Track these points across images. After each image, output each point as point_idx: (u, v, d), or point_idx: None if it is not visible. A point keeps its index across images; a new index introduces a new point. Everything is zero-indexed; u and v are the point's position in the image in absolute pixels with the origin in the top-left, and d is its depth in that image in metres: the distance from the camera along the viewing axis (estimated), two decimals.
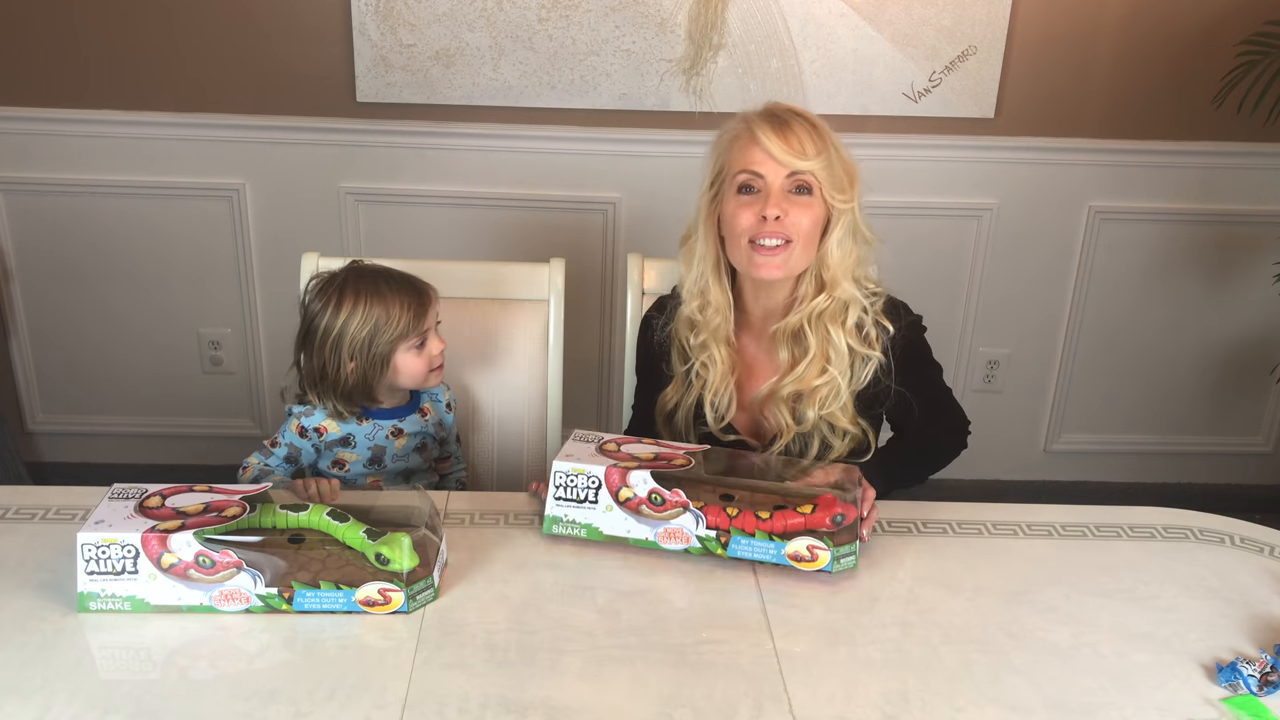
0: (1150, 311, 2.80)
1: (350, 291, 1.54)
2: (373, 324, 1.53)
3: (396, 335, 1.54)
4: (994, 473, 2.83)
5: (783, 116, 1.49)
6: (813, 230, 1.49)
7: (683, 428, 1.62)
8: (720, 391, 1.58)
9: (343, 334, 1.53)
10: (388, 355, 1.55)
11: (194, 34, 2.46)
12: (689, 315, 1.59)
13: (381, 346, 1.54)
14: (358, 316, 1.53)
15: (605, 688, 1.14)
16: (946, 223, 2.69)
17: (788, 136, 1.46)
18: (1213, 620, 1.30)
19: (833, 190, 1.47)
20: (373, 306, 1.53)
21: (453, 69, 2.49)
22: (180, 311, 2.70)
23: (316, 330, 1.55)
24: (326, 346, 1.54)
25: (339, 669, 1.16)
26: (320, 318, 1.54)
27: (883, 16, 2.47)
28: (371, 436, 1.61)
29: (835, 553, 1.33)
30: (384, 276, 1.57)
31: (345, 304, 1.53)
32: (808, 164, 1.46)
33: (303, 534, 1.30)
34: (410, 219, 2.63)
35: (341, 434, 1.60)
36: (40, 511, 1.44)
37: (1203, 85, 2.51)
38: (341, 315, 1.53)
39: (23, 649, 1.18)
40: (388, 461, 1.63)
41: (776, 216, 1.46)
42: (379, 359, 1.55)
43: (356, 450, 1.61)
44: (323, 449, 1.61)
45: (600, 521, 1.39)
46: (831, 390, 1.52)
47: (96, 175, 2.56)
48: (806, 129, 1.47)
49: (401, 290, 1.56)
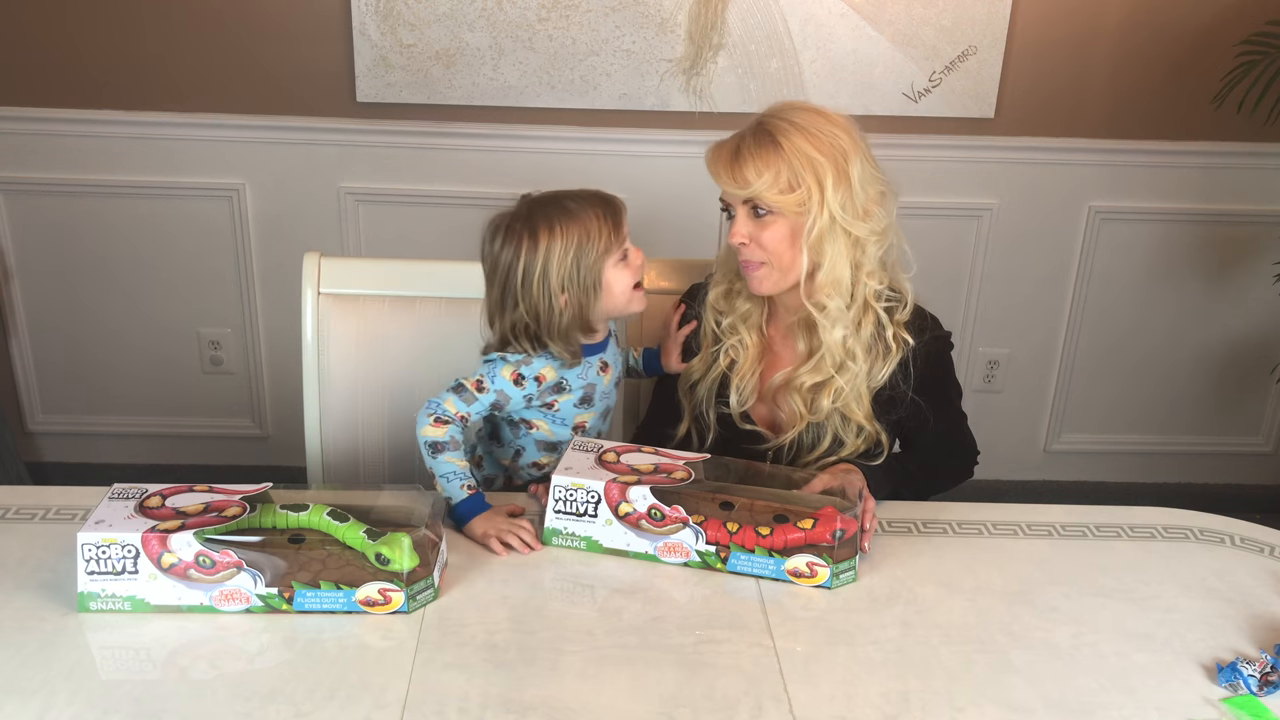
0: (1150, 311, 2.80)
1: (543, 223, 1.44)
2: (575, 245, 1.43)
3: (602, 249, 1.45)
4: (994, 473, 2.83)
5: (738, 139, 1.48)
6: (785, 245, 1.48)
7: (704, 404, 1.62)
8: (747, 376, 1.59)
9: (548, 268, 1.43)
10: (598, 275, 1.46)
11: (194, 34, 2.46)
12: (713, 301, 1.61)
13: (590, 267, 1.44)
14: (558, 244, 1.43)
15: (605, 688, 1.14)
16: (946, 223, 2.69)
17: (732, 164, 1.47)
18: (1213, 620, 1.30)
19: (792, 205, 1.45)
20: (570, 229, 1.44)
21: (453, 69, 2.49)
22: (180, 311, 2.70)
23: (517, 275, 1.44)
24: (534, 287, 1.44)
25: (339, 669, 1.16)
26: (517, 261, 1.44)
27: (883, 16, 2.47)
28: (584, 375, 1.55)
29: (835, 569, 1.33)
30: (567, 197, 1.47)
31: (541, 236, 1.43)
32: (747, 191, 1.45)
33: (303, 534, 1.30)
34: (410, 219, 2.63)
35: (558, 378, 1.52)
36: (40, 511, 1.44)
37: (1203, 85, 2.51)
38: (540, 249, 1.43)
39: (23, 649, 1.18)
40: (596, 400, 1.57)
41: (743, 243, 1.49)
42: (591, 282, 1.45)
43: (570, 391, 1.54)
44: (535, 397, 1.52)
45: (600, 535, 1.38)
46: (848, 382, 1.52)
47: (96, 175, 2.56)
48: (756, 149, 1.45)
49: (591, 203, 1.47)
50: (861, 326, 1.52)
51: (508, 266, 1.46)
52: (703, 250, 2.64)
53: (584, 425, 1.58)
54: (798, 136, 1.45)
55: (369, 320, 1.77)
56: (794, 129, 1.46)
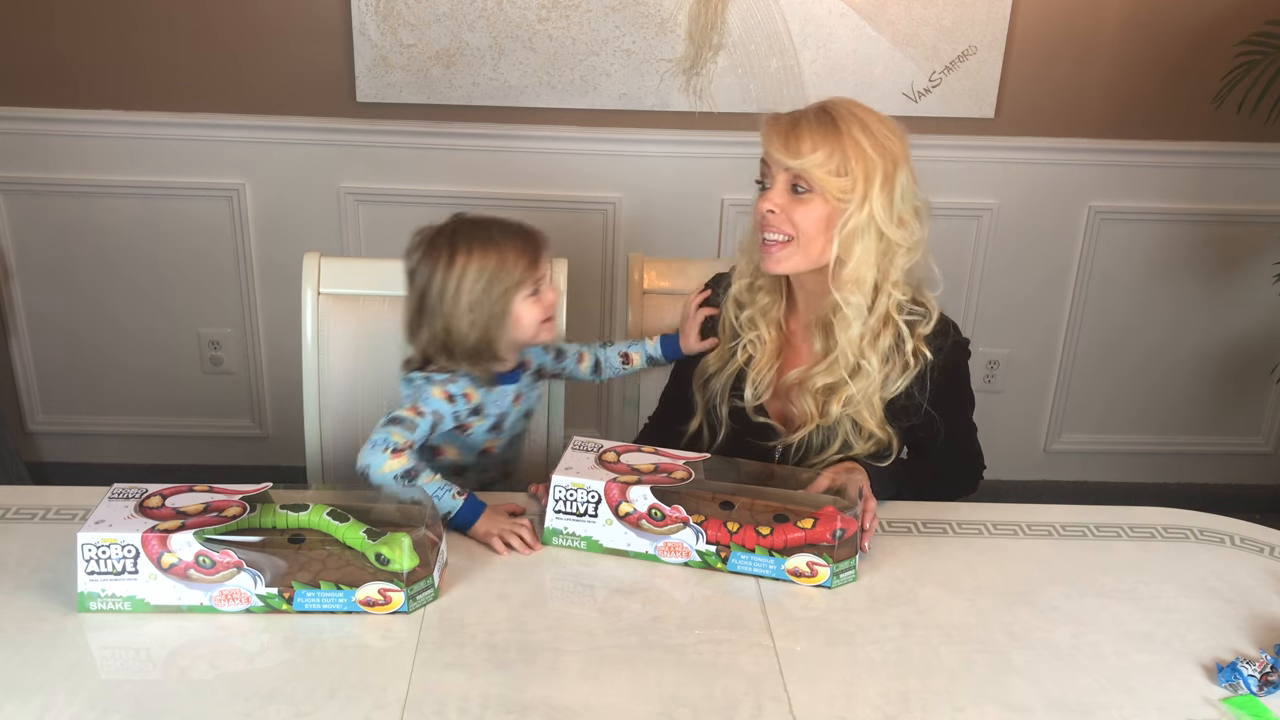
0: (1150, 311, 2.80)
1: (463, 245, 1.48)
2: (489, 273, 1.47)
3: (514, 282, 1.48)
4: (994, 473, 2.81)
5: (798, 114, 1.48)
6: (817, 228, 1.47)
7: (718, 397, 1.62)
8: (764, 371, 1.59)
9: (460, 289, 1.46)
10: (507, 305, 1.48)
11: (194, 34, 2.46)
12: (736, 294, 1.61)
13: (499, 296, 1.47)
14: (472, 268, 1.46)
15: (605, 688, 1.14)
16: (946, 223, 2.68)
17: (788, 133, 1.46)
18: (1213, 620, 1.30)
19: (835, 190, 1.45)
20: (487, 256, 1.47)
21: (453, 69, 2.49)
22: (180, 311, 2.70)
23: (433, 290, 1.48)
24: (445, 304, 1.47)
25: (339, 669, 1.16)
26: (434, 276, 1.48)
27: (883, 16, 2.47)
28: (498, 402, 1.56)
29: (835, 568, 1.33)
30: (495, 226, 1.51)
31: (459, 257, 1.47)
32: (797, 162, 1.44)
33: (303, 534, 1.30)
34: (410, 219, 2.59)
35: (478, 401, 1.54)
36: (40, 511, 1.44)
37: (1203, 85, 2.51)
38: (456, 269, 1.46)
39: (23, 649, 1.18)
40: (505, 427, 1.59)
41: (771, 210, 1.47)
42: (499, 311, 1.48)
43: (485, 415, 1.56)
44: (463, 416, 1.54)
45: (600, 535, 1.38)
46: (860, 389, 1.51)
47: (96, 175, 2.56)
48: (815, 126, 1.45)
49: (514, 236, 1.50)
50: (880, 336, 1.51)
51: (425, 280, 1.49)
52: (702, 250, 2.64)
53: (491, 450, 1.61)
54: (857, 128, 1.45)
55: (369, 320, 1.77)
56: (855, 120, 1.46)
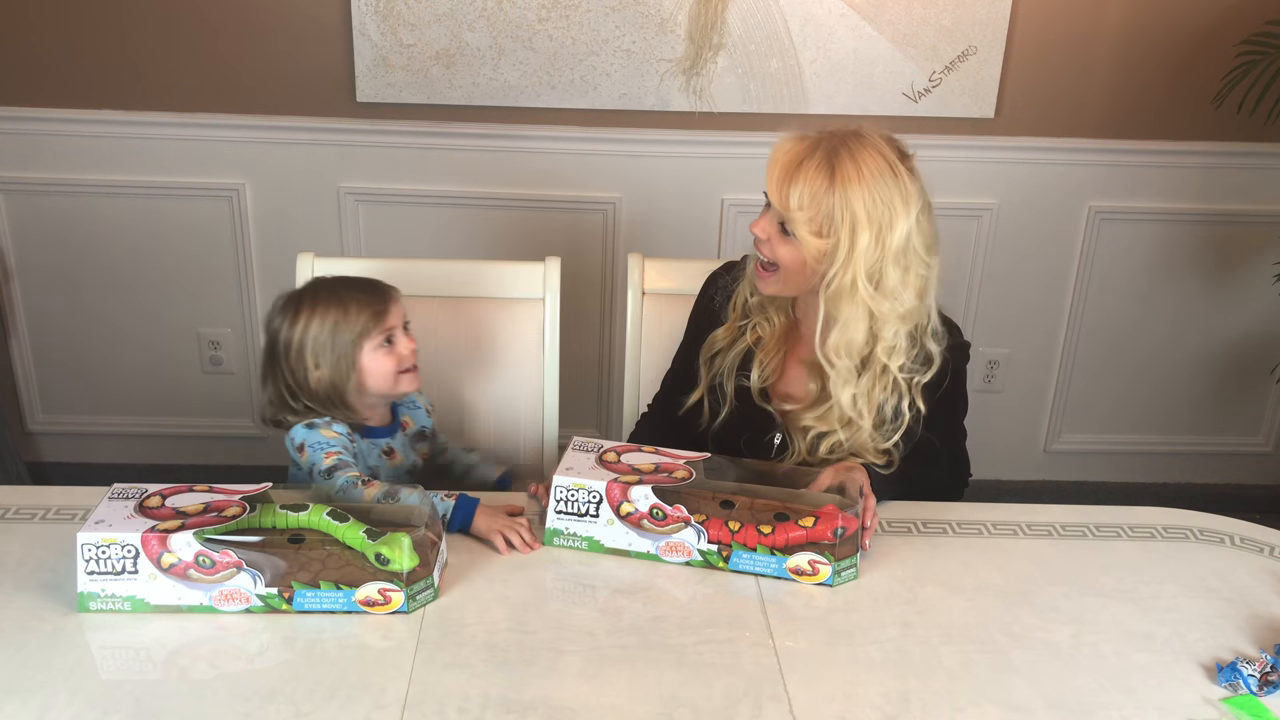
0: (1150, 311, 2.80)
1: (308, 301, 1.55)
2: (331, 324, 1.52)
3: (358, 333, 1.53)
4: (994, 473, 2.83)
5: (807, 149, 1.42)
6: (798, 267, 1.46)
7: (724, 374, 1.61)
8: (771, 354, 1.58)
9: (304, 341, 1.53)
10: (353, 355, 1.53)
11: (193, 34, 2.46)
12: (750, 275, 1.59)
13: (344, 346, 1.52)
14: (315, 321, 1.53)
15: (605, 688, 1.14)
16: (946, 223, 2.64)
17: (786, 173, 1.42)
18: (1213, 620, 1.30)
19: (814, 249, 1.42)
20: (329, 309, 1.53)
21: (453, 69, 2.49)
22: (180, 311, 2.70)
23: (280, 343, 1.55)
24: (291, 357, 1.53)
25: (339, 669, 1.16)
26: (281, 332, 1.55)
27: (883, 16, 2.47)
28: (368, 453, 1.60)
29: (836, 567, 1.33)
30: (342, 283, 1.57)
31: (303, 313, 1.53)
32: (784, 211, 1.42)
33: (303, 534, 1.30)
34: (410, 219, 2.63)
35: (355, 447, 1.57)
36: (40, 511, 1.44)
37: (1203, 85, 2.51)
38: (299, 324, 1.53)
39: (23, 649, 1.18)
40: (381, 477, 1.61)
41: (758, 236, 1.47)
42: (344, 361, 1.53)
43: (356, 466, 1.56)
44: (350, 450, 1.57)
45: (601, 535, 1.38)
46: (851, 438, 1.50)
47: (96, 175, 2.56)
48: (814, 175, 1.40)
49: (359, 290, 1.56)
50: (873, 392, 1.48)
51: (274, 333, 1.56)
52: (702, 250, 2.64)
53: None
54: (853, 183, 1.39)
55: None
56: (855, 171, 1.39)
